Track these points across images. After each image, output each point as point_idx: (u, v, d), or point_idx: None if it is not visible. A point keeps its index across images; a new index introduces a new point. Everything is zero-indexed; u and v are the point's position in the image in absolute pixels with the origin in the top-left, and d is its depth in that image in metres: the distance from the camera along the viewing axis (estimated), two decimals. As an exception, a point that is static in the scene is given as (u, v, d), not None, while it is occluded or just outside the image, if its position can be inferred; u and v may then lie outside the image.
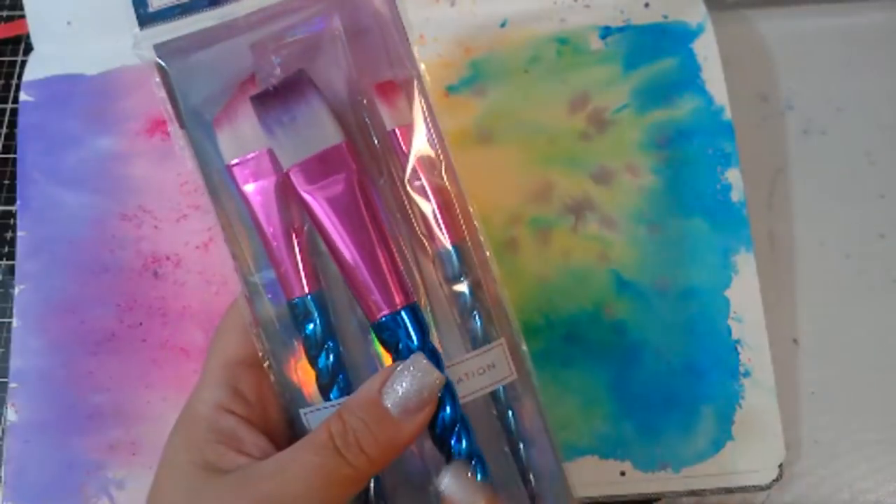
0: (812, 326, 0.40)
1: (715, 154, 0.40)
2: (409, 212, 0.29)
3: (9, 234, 0.42)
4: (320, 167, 0.27)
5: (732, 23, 0.44)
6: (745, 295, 0.38)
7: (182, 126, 0.28)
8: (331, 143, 0.27)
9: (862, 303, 0.40)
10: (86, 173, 0.40)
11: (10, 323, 0.39)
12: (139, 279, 0.38)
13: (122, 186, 0.40)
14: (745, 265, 0.38)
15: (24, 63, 0.43)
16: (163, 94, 0.28)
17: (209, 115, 0.28)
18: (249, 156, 0.28)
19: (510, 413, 0.29)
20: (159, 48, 0.28)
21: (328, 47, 0.29)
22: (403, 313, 0.27)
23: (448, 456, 0.27)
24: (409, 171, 0.29)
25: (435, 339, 0.28)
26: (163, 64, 0.28)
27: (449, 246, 0.29)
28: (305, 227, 0.28)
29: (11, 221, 0.42)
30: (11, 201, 0.42)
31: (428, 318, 0.28)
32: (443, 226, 0.29)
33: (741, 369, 0.37)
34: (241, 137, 0.28)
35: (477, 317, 0.29)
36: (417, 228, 0.29)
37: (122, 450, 0.36)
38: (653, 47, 0.41)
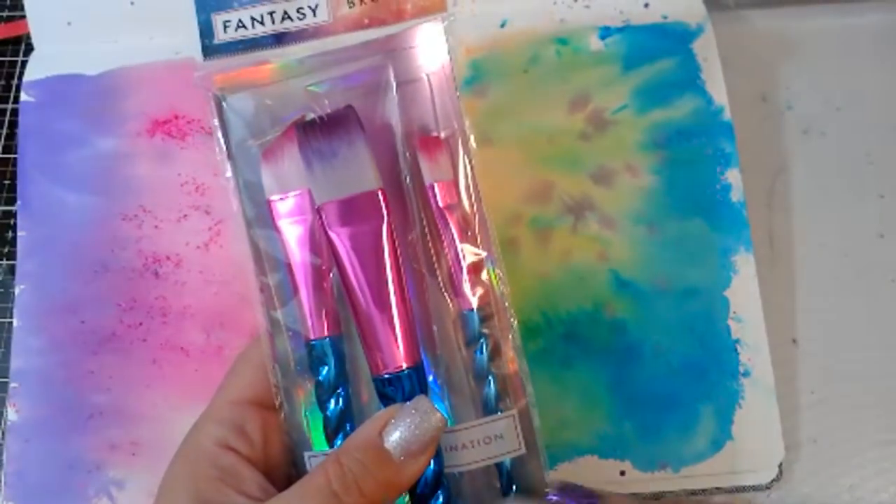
0: (812, 326, 0.40)
1: (715, 154, 0.40)
2: (437, 269, 0.29)
3: (9, 234, 0.42)
4: (352, 210, 0.27)
5: (732, 23, 0.44)
6: (744, 295, 0.38)
7: (230, 157, 0.29)
8: (367, 188, 0.27)
9: (862, 303, 0.40)
10: (86, 173, 0.40)
11: (10, 323, 0.39)
12: (140, 279, 0.39)
13: (122, 186, 0.40)
14: (745, 265, 0.38)
15: (24, 63, 0.43)
16: (216, 123, 0.29)
17: (257, 151, 0.29)
18: (290, 194, 0.28)
19: (514, 489, 0.28)
20: (220, 80, 0.29)
21: (379, 96, 0.29)
22: (406, 374, 0.26)
23: None
24: (441, 226, 0.29)
25: (446, 401, 0.28)
26: (220, 96, 0.29)
27: (473, 307, 0.29)
28: (333, 271, 0.28)
29: (11, 221, 0.42)
30: (11, 201, 0.42)
31: (441, 379, 0.28)
32: (468, 286, 0.29)
33: (741, 369, 0.37)
34: (285, 175, 0.28)
35: (491, 383, 0.28)
36: (442, 287, 0.29)
37: (122, 450, 0.36)
38: (652, 48, 0.41)
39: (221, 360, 0.37)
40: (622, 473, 0.36)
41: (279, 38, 0.27)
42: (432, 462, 0.26)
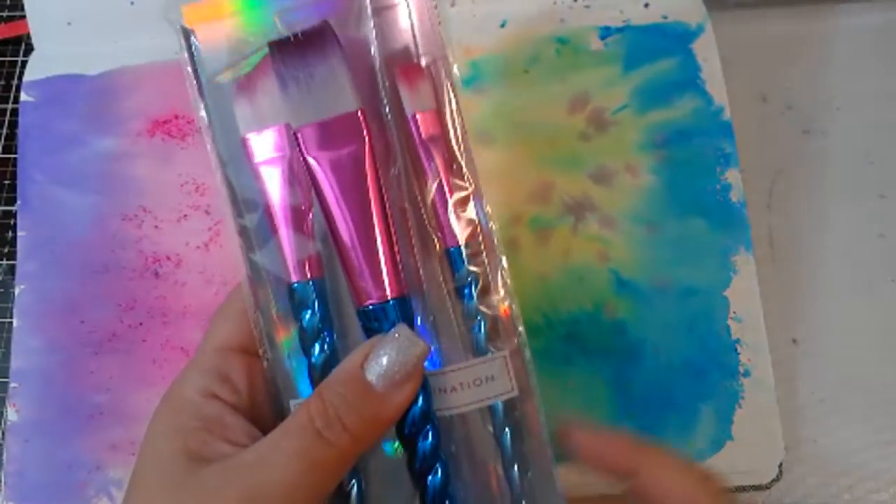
0: (812, 326, 0.40)
1: (715, 154, 0.40)
2: (421, 205, 0.28)
3: (9, 234, 0.42)
4: (331, 132, 0.25)
5: (732, 23, 0.44)
6: (744, 295, 0.38)
7: (201, 94, 0.28)
8: (346, 109, 0.26)
9: (862, 303, 0.40)
10: (86, 173, 0.40)
11: (10, 323, 0.39)
12: (140, 279, 0.38)
13: (122, 186, 0.40)
14: (745, 265, 0.38)
15: (24, 63, 0.43)
16: (185, 57, 0.27)
17: (230, 86, 0.27)
18: (266, 130, 0.27)
19: (507, 432, 0.27)
20: (188, 12, 0.27)
21: (355, 24, 0.28)
22: (392, 304, 0.25)
23: (412, 454, 0.25)
24: (424, 159, 0.27)
25: (434, 343, 0.27)
26: (188, 28, 0.27)
27: (460, 244, 0.27)
28: (313, 211, 0.27)
29: (11, 221, 0.42)
30: (11, 201, 0.42)
31: (428, 320, 0.27)
32: (454, 222, 0.27)
33: (741, 369, 0.37)
34: (260, 110, 0.27)
35: (481, 324, 0.27)
36: (427, 222, 0.28)
37: (122, 450, 0.36)
38: (652, 48, 0.41)
39: (221, 360, 0.37)
40: (622, 473, 0.36)
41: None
42: (420, 399, 0.25)
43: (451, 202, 0.27)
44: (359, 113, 0.26)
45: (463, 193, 0.27)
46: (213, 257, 0.39)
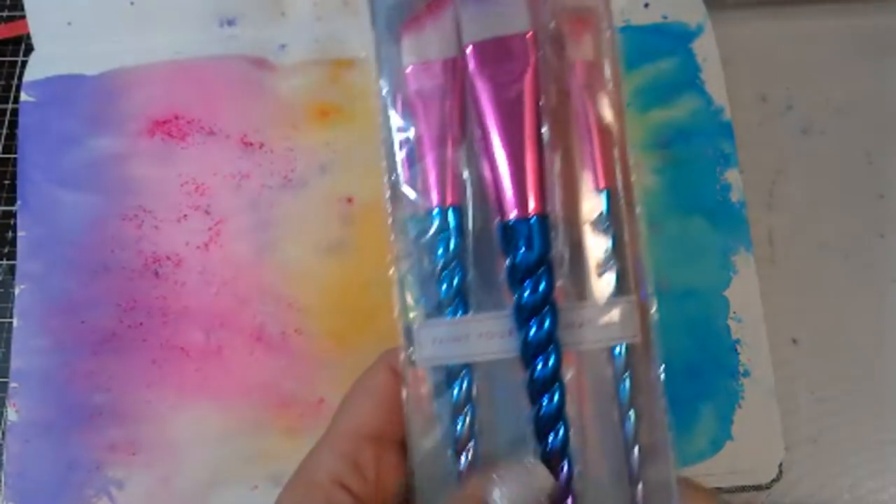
0: (812, 326, 0.40)
1: (715, 154, 0.40)
2: (571, 144, 0.28)
3: (9, 234, 0.42)
4: (499, 52, 0.26)
5: (732, 23, 0.44)
6: (744, 295, 0.38)
7: (372, 24, 0.29)
8: (518, 30, 0.26)
9: (862, 303, 0.40)
10: (86, 173, 0.40)
11: (10, 323, 0.39)
12: (139, 279, 0.38)
13: (122, 187, 0.40)
14: (745, 265, 0.38)
15: (24, 63, 0.43)
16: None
17: (400, 21, 0.28)
18: (427, 63, 0.28)
19: (626, 378, 0.27)
20: None
21: None
22: (534, 221, 0.26)
23: (532, 375, 0.26)
24: (579, 105, 0.28)
25: (563, 276, 0.27)
26: None
27: (604, 188, 0.28)
28: (464, 145, 0.28)
29: (11, 221, 0.42)
30: (11, 201, 0.42)
31: (564, 246, 0.27)
32: (600, 167, 0.28)
33: (741, 369, 0.37)
34: (425, 45, 0.28)
35: (614, 266, 0.27)
36: (574, 163, 0.28)
37: (122, 450, 0.36)
38: (652, 47, 0.41)
39: (221, 360, 0.37)
40: (622, 473, 0.36)
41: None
42: (546, 322, 0.25)
43: (598, 147, 0.28)
44: (530, 35, 0.26)
45: (611, 141, 0.28)
46: (213, 257, 0.39)
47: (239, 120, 0.41)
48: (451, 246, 0.27)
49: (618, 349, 0.27)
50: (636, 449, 0.27)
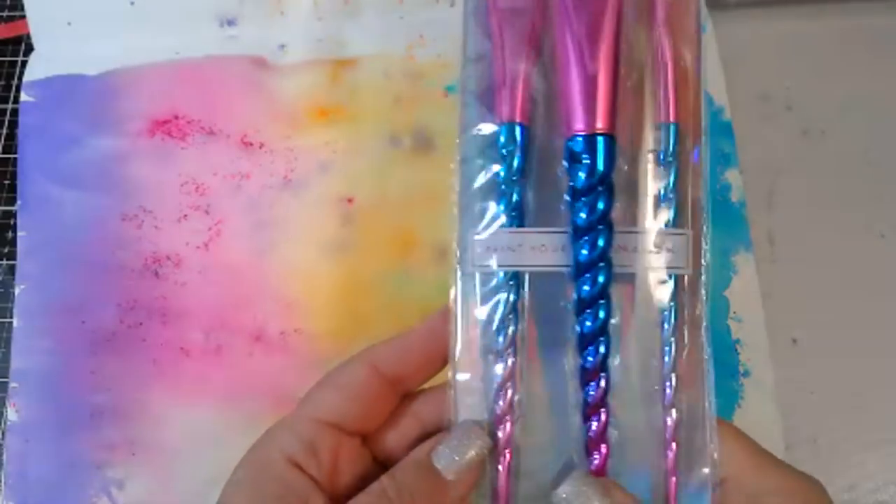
0: (812, 326, 0.40)
1: (714, 154, 0.40)
2: (644, 75, 0.29)
3: (9, 234, 0.42)
4: None
5: (732, 23, 0.44)
6: (744, 295, 0.38)
7: None
8: None
9: (862, 303, 0.40)
10: (86, 173, 0.40)
11: (10, 323, 0.39)
12: (139, 279, 0.39)
13: (122, 186, 0.40)
14: (745, 265, 0.38)
15: (24, 63, 0.43)
16: None
17: None
18: None
19: (672, 308, 0.27)
20: None
21: None
22: (599, 138, 0.26)
23: (580, 292, 0.26)
24: (656, 39, 0.28)
25: (621, 200, 0.27)
26: None
27: (671, 120, 0.28)
28: (540, 61, 0.28)
29: (11, 221, 0.42)
30: (11, 201, 0.42)
31: (623, 179, 0.28)
32: (672, 100, 0.28)
33: (741, 369, 0.37)
34: None
35: (673, 200, 0.28)
36: (645, 94, 0.28)
37: (122, 450, 0.36)
38: (653, 47, 0.41)
39: (221, 360, 0.37)
40: (622, 473, 0.36)
41: None
42: (600, 241, 0.26)
43: (671, 81, 0.28)
44: None
45: (684, 79, 0.28)
46: (213, 257, 0.39)
47: (239, 120, 0.41)
48: (515, 163, 0.27)
49: (668, 279, 0.27)
50: (673, 377, 0.27)
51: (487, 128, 0.28)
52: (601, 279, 0.26)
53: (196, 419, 0.37)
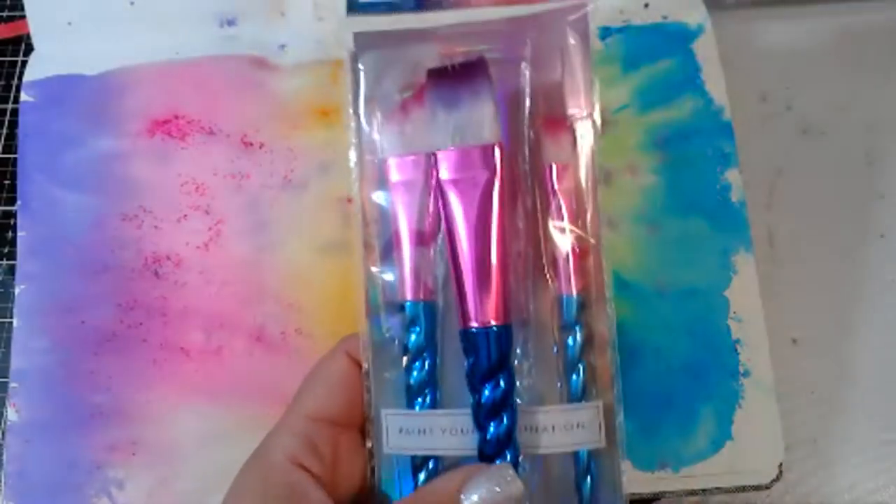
0: (812, 326, 0.40)
1: (714, 154, 0.40)
2: (542, 249, 0.29)
3: (9, 234, 0.42)
4: (467, 161, 0.27)
5: (732, 23, 0.44)
6: (744, 295, 0.38)
7: (356, 112, 0.29)
8: (485, 141, 0.27)
9: (862, 303, 0.40)
10: (86, 173, 0.40)
11: (10, 323, 0.39)
12: (139, 279, 0.38)
13: (122, 186, 0.40)
14: (745, 265, 0.38)
15: (24, 63, 0.43)
16: (348, 79, 0.29)
17: (382, 110, 0.29)
18: (408, 157, 0.29)
19: (588, 480, 0.28)
20: (357, 37, 0.29)
21: (512, 70, 0.29)
22: (493, 331, 0.26)
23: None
24: (553, 209, 0.29)
25: (530, 378, 0.28)
26: (356, 52, 0.29)
27: (574, 293, 0.28)
28: (439, 239, 0.28)
29: (11, 221, 0.42)
30: (11, 201, 0.42)
31: (529, 356, 0.28)
32: (572, 272, 0.28)
33: (741, 369, 0.37)
34: (407, 137, 0.28)
35: (581, 371, 0.28)
36: (546, 268, 0.29)
37: (122, 450, 0.36)
38: (652, 48, 0.41)
39: (221, 360, 0.37)
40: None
41: (420, 3, 0.28)
42: (505, 420, 0.26)
43: (571, 252, 0.29)
44: (496, 147, 0.27)
45: (584, 245, 0.29)
46: (213, 257, 0.39)
47: (239, 120, 0.41)
48: (421, 340, 0.28)
49: (581, 452, 0.28)
50: None
51: (394, 303, 0.29)
52: (509, 461, 0.26)
53: (196, 419, 0.37)
